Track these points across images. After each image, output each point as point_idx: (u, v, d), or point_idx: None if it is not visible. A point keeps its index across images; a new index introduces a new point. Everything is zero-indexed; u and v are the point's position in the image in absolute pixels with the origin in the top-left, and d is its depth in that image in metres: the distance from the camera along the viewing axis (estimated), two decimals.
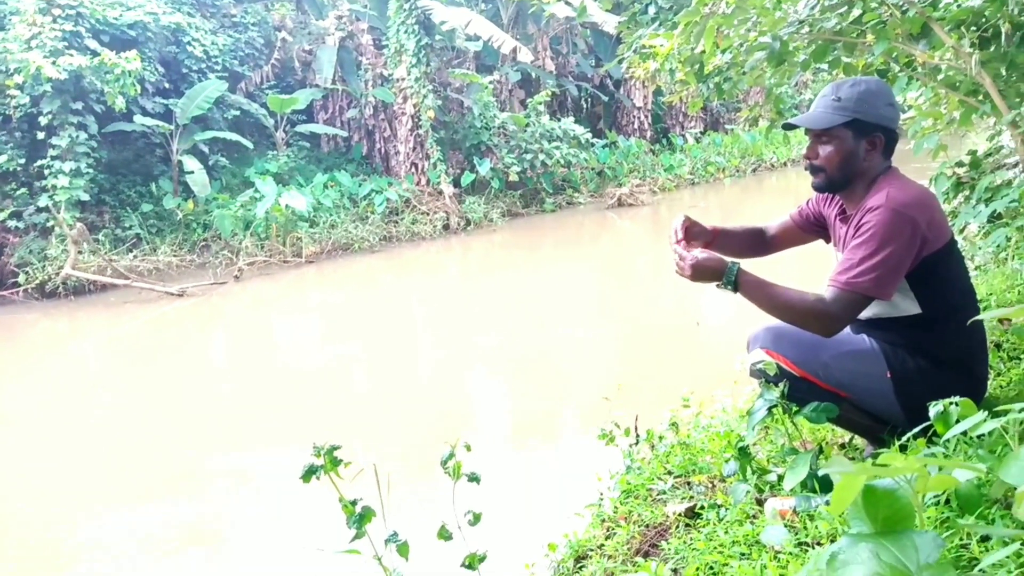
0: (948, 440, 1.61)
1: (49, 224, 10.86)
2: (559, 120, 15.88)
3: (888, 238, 1.98)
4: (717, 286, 2.15)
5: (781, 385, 2.11)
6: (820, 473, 1.95)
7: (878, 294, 2.00)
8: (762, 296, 2.10)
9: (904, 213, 2.00)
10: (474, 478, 1.38)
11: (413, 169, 14.18)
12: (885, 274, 1.98)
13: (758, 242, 2.53)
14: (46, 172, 10.86)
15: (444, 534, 1.34)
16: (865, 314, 2.17)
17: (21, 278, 10.53)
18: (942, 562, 0.62)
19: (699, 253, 2.17)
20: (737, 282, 2.10)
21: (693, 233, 2.35)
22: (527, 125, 15.08)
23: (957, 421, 1.51)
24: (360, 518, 1.24)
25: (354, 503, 1.27)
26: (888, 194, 2.03)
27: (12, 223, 10.84)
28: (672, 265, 2.23)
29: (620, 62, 5.10)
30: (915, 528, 0.70)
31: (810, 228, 2.45)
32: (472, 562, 1.31)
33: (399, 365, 7.28)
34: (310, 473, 1.27)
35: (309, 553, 3.60)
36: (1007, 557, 1.07)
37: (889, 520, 0.72)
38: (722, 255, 2.18)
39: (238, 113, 13.68)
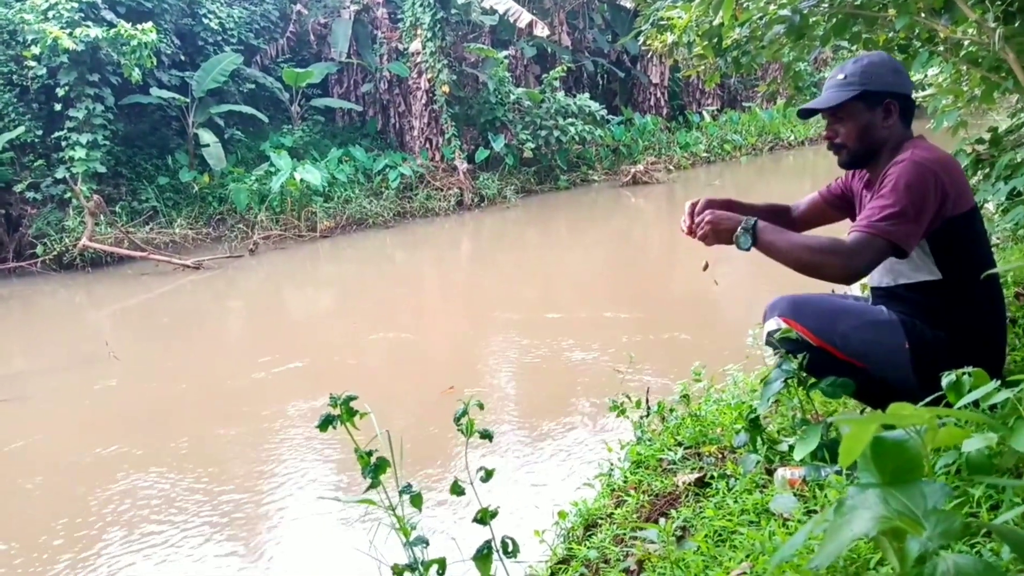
0: (960, 409, 1.61)
1: (66, 196, 10.94)
2: (574, 96, 15.77)
3: (909, 187, 1.97)
4: (736, 239, 2.11)
5: (800, 357, 2.11)
6: (830, 440, 1.96)
7: (898, 240, 1.97)
8: (780, 240, 2.07)
9: (927, 167, 2.00)
10: (486, 435, 1.40)
11: (427, 144, 14.16)
12: (906, 223, 1.97)
13: (782, 220, 2.49)
14: (63, 144, 10.93)
15: (457, 489, 1.36)
16: (884, 282, 2.16)
17: (39, 249, 10.64)
18: (949, 508, 0.63)
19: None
20: (755, 230, 2.07)
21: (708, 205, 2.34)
22: (542, 101, 14.99)
23: (970, 391, 1.51)
24: (375, 468, 1.27)
25: (369, 454, 1.29)
26: (913, 152, 2.05)
27: (30, 194, 10.94)
28: (689, 240, 2.24)
29: (637, 35, 5.05)
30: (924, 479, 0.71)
31: (839, 205, 2.43)
32: (484, 517, 1.33)
33: (412, 336, 7.32)
34: (327, 423, 1.29)
35: (326, 503, 3.66)
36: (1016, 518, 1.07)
37: (898, 472, 0.72)
38: None
39: (253, 86, 13.68)
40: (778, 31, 3.56)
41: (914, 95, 2.21)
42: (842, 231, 2.57)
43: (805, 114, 2.27)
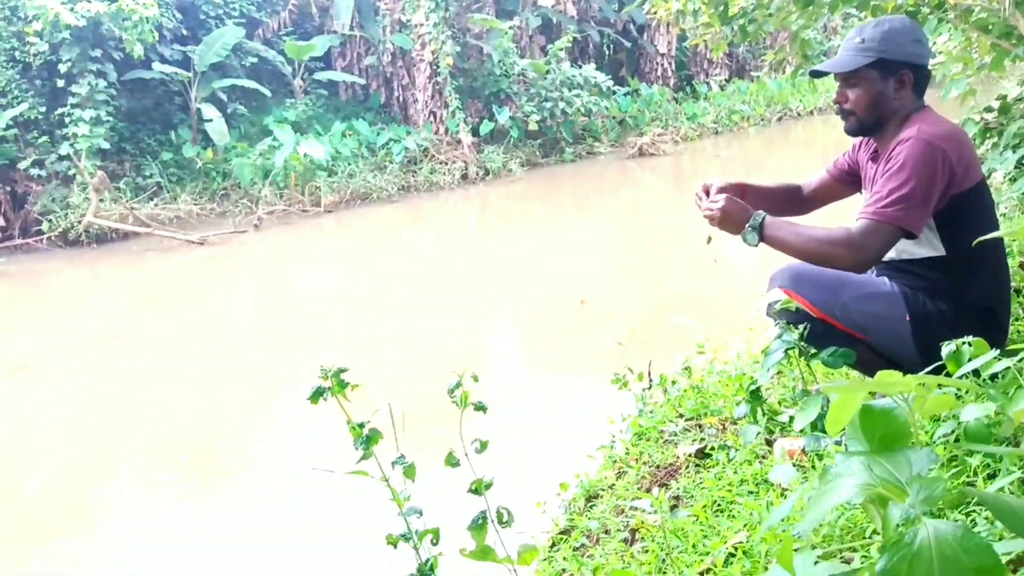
0: (957, 379, 1.61)
1: (71, 172, 10.93)
2: (580, 67, 15.59)
3: (917, 168, 1.95)
4: (743, 236, 2.12)
5: (801, 327, 2.11)
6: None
7: (907, 225, 1.97)
8: (788, 234, 2.07)
9: (935, 144, 1.97)
10: (480, 407, 1.41)
11: (431, 117, 14.06)
12: (914, 206, 1.96)
13: (794, 199, 2.50)
14: (67, 120, 10.89)
15: (451, 460, 1.37)
16: (887, 255, 2.15)
17: (44, 226, 10.66)
18: (935, 475, 0.62)
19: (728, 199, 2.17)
20: (762, 225, 2.08)
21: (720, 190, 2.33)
22: (547, 72, 14.83)
23: (969, 360, 1.50)
24: (367, 439, 1.28)
25: (361, 425, 1.30)
26: (919, 128, 2.02)
27: (34, 171, 10.93)
28: (697, 215, 2.23)
29: (643, 3, 4.99)
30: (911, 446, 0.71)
31: (847, 180, 2.42)
32: (479, 488, 1.34)
33: (415, 310, 7.34)
34: (317, 395, 1.30)
35: (319, 475, 3.71)
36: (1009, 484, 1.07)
37: (886, 439, 0.72)
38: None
39: (256, 60, 13.57)
40: None
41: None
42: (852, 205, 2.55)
43: (816, 74, 2.25)
